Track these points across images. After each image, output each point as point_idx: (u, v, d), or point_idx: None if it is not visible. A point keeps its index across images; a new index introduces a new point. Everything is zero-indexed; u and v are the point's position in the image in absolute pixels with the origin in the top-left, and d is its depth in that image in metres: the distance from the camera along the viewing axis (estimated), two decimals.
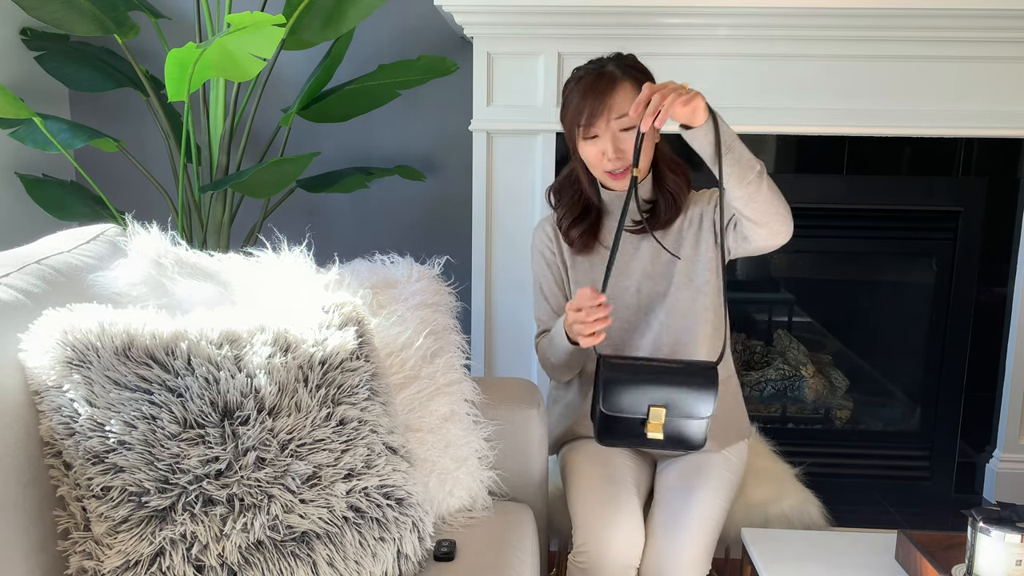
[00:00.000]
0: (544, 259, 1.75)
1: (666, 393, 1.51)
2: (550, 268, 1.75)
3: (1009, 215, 2.42)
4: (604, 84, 1.57)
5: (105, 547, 1.06)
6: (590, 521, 1.51)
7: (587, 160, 1.63)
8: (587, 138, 1.60)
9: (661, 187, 1.67)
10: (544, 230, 1.76)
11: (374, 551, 1.19)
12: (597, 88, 1.57)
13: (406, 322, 1.48)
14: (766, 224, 1.52)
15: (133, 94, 2.60)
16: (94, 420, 1.07)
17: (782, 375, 2.74)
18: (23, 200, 2.38)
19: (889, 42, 2.28)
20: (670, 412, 1.52)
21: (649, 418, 1.52)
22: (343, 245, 2.06)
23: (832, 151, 2.39)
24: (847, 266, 2.75)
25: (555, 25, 2.26)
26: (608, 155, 1.58)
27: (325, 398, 1.20)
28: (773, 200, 1.51)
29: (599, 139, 1.59)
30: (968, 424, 2.54)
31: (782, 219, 1.53)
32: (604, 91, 1.57)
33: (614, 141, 1.58)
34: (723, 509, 1.57)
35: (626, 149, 1.58)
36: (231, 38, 1.71)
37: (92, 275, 1.34)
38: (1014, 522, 1.25)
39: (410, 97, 2.55)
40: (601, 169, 1.62)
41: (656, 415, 1.51)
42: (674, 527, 1.50)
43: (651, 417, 1.52)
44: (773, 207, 1.51)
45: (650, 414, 1.51)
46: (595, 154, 1.60)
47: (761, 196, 1.49)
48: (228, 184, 2.03)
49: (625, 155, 1.58)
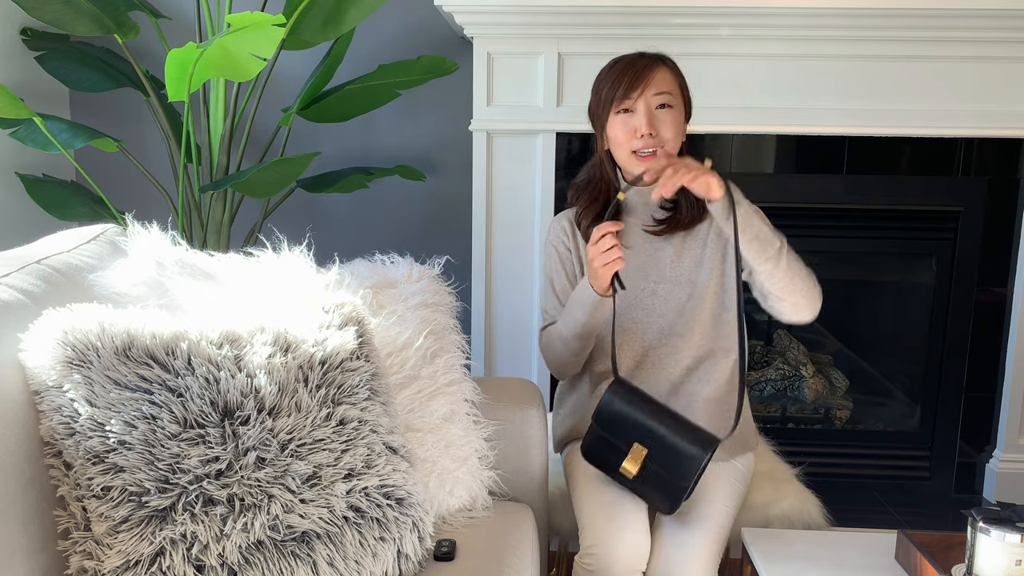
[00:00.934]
0: (558, 253, 1.73)
1: (655, 440, 1.46)
2: (563, 263, 1.72)
3: (1009, 215, 2.43)
4: (644, 63, 1.58)
5: (105, 547, 1.06)
6: (597, 523, 1.50)
7: (615, 140, 1.61)
8: (619, 111, 1.58)
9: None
10: (561, 224, 1.74)
11: (374, 551, 1.19)
12: (636, 65, 1.58)
13: (406, 322, 1.48)
14: (787, 299, 1.53)
15: (133, 94, 2.60)
16: (94, 420, 1.07)
17: (782, 375, 2.74)
18: (23, 200, 2.38)
19: (889, 42, 2.28)
20: (653, 458, 1.46)
21: (629, 454, 1.47)
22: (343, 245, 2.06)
23: (832, 151, 2.39)
24: (847, 266, 2.75)
25: (555, 25, 2.26)
26: (641, 130, 1.56)
27: (325, 398, 1.20)
28: (794, 278, 1.51)
29: (633, 115, 1.57)
30: (968, 424, 2.54)
31: (805, 296, 1.53)
32: (644, 68, 1.57)
33: (649, 116, 1.56)
34: (731, 517, 1.55)
35: (660, 128, 1.56)
36: (231, 38, 1.71)
37: (92, 275, 1.34)
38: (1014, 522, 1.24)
39: (410, 97, 2.55)
40: (629, 148, 1.58)
41: (636, 453, 1.47)
42: (682, 535, 1.48)
43: (631, 454, 1.47)
44: (794, 284, 1.51)
45: (632, 450, 1.47)
46: (626, 132, 1.58)
47: (780, 273, 1.50)
48: (228, 184, 2.03)
49: (659, 134, 1.56)
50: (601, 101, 1.61)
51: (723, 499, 1.55)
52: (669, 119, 1.58)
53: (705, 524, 1.49)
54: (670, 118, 1.58)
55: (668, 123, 1.58)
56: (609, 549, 1.46)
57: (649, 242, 1.67)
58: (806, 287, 1.54)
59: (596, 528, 1.49)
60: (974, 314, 2.48)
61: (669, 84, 1.58)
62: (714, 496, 1.55)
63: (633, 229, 1.68)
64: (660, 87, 1.57)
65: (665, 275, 1.65)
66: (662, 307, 1.65)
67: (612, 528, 1.48)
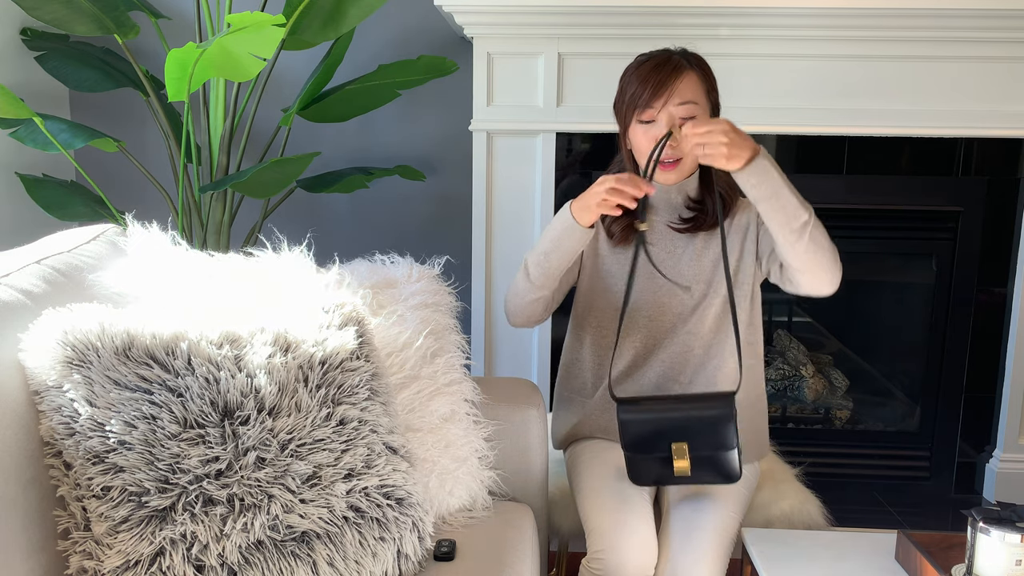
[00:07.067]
0: None
1: (685, 428, 1.47)
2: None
3: (1009, 215, 2.42)
4: (669, 69, 1.53)
5: (105, 547, 1.06)
6: (604, 527, 1.49)
7: (637, 148, 1.59)
8: (642, 121, 1.55)
9: (710, 187, 1.62)
10: None
11: (374, 551, 1.19)
12: (662, 71, 1.53)
13: (406, 322, 1.48)
14: (808, 271, 1.51)
15: (133, 94, 2.60)
16: (94, 420, 1.07)
17: (782, 375, 2.74)
18: (23, 200, 2.38)
19: (889, 42, 2.28)
20: (694, 447, 1.48)
21: (673, 456, 1.48)
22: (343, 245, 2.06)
23: (832, 151, 2.39)
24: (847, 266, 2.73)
25: (555, 25, 2.26)
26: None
27: (325, 398, 1.20)
28: (817, 251, 1.49)
29: (655, 124, 1.54)
30: (968, 424, 2.54)
31: (826, 269, 1.52)
32: (669, 75, 1.53)
33: (671, 127, 1.53)
34: (738, 524, 1.55)
35: (681, 140, 1.52)
36: (231, 38, 1.71)
37: (92, 275, 1.34)
38: (1014, 522, 1.24)
39: (410, 97, 2.55)
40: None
41: (679, 451, 1.48)
42: (690, 541, 1.47)
43: (675, 455, 1.48)
44: (817, 257, 1.49)
45: (673, 451, 1.48)
46: (648, 141, 1.55)
47: (801, 246, 1.48)
48: (228, 184, 2.03)
49: (679, 145, 1.53)
50: (625, 102, 1.58)
51: (731, 506, 1.55)
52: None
53: (713, 531, 1.49)
54: None
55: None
56: (617, 554, 1.45)
57: (671, 239, 1.66)
58: (826, 261, 1.51)
59: (604, 533, 1.48)
60: (974, 314, 2.48)
61: (694, 91, 1.54)
62: (722, 503, 1.54)
63: (657, 226, 1.66)
64: (684, 96, 1.53)
65: (683, 273, 1.64)
66: (679, 305, 1.65)
67: (620, 533, 1.47)
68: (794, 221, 1.46)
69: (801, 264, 1.51)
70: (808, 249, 1.48)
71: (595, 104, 2.27)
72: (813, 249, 1.49)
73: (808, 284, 1.55)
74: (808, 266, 1.51)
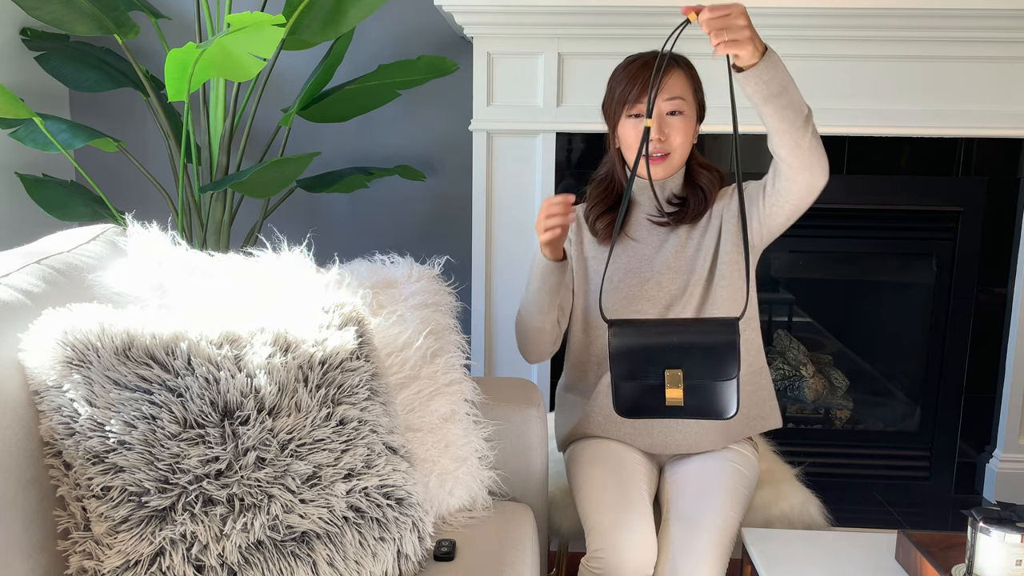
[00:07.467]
0: None
1: (682, 354, 1.42)
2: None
3: (1009, 215, 2.43)
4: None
5: (105, 547, 1.06)
6: (604, 526, 1.49)
7: (625, 142, 1.63)
8: (631, 115, 1.60)
9: (693, 185, 1.67)
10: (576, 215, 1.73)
11: (374, 551, 1.19)
12: (651, 67, 1.56)
13: (406, 322, 1.48)
14: (808, 168, 1.49)
15: (133, 94, 2.61)
16: (94, 420, 1.07)
17: (782, 375, 2.74)
18: (23, 200, 2.38)
19: (889, 42, 2.28)
20: (689, 375, 1.43)
21: (666, 383, 1.43)
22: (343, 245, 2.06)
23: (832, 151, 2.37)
24: (847, 266, 2.75)
25: (555, 25, 2.26)
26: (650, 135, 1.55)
27: (325, 398, 1.20)
28: (819, 143, 1.49)
29: (643, 119, 1.55)
30: (968, 424, 2.54)
31: (824, 159, 1.51)
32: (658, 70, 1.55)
33: (659, 122, 1.57)
34: (738, 523, 1.55)
35: (670, 134, 1.57)
36: (231, 38, 1.71)
37: (92, 275, 1.34)
38: (1014, 522, 1.24)
39: (410, 97, 2.55)
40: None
41: (673, 379, 1.42)
42: (690, 540, 1.47)
43: (668, 382, 1.43)
44: (818, 149, 1.49)
45: (666, 378, 1.43)
46: (636, 135, 1.59)
47: (806, 142, 1.47)
48: (228, 184, 2.03)
49: (668, 139, 1.58)
50: (614, 100, 1.62)
51: (731, 505, 1.55)
52: (679, 125, 1.59)
53: (713, 530, 1.48)
54: (680, 124, 1.59)
55: (678, 129, 1.59)
56: (617, 553, 1.45)
57: (655, 233, 1.68)
58: (823, 151, 1.51)
59: (603, 532, 1.48)
60: (974, 314, 2.48)
61: (682, 88, 1.59)
62: (722, 502, 1.54)
63: (639, 220, 1.69)
64: (672, 92, 1.58)
65: (669, 264, 1.67)
66: (666, 296, 1.67)
67: (620, 532, 1.47)
68: (800, 116, 1.46)
69: (804, 160, 1.49)
70: (812, 144, 1.48)
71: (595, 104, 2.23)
72: (816, 143, 1.49)
73: (807, 182, 1.52)
74: (810, 160, 1.49)
